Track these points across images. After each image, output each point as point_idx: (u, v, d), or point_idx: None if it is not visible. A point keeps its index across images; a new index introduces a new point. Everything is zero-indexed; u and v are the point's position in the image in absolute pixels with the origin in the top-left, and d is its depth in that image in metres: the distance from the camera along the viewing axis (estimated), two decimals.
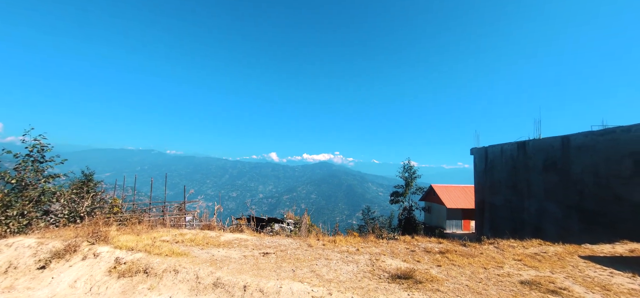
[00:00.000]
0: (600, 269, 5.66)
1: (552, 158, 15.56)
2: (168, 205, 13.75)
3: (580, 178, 13.97)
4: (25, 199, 8.42)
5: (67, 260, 5.52)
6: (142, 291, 4.36)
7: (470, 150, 23.15)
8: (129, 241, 6.34)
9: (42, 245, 6.07)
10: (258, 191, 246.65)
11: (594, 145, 13.41)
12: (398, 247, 6.98)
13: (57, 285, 4.87)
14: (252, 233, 9.06)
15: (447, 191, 35.62)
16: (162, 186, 13.29)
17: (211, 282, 4.34)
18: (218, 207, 12.51)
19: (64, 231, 7.28)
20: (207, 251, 6.29)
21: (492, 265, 5.68)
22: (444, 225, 33.29)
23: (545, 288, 4.45)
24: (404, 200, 33.42)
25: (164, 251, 5.67)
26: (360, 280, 4.69)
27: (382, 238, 8.09)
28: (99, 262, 5.30)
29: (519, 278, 4.94)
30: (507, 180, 18.87)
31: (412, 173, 33.78)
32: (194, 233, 8.07)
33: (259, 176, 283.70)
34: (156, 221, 10.50)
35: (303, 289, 3.98)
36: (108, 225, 7.65)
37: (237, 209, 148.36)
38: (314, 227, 16.60)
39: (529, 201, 16.99)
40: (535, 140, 16.90)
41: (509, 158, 18.77)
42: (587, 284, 4.78)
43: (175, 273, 4.64)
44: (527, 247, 7.18)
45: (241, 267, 5.16)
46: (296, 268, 5.21)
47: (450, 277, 4.93)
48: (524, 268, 5.63)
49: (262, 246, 6.96)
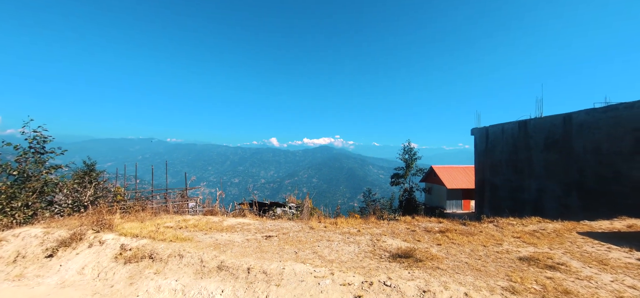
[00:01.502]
0: (598, 244, 5.75)
1: (553, 137, 15.51)
2: (171, 192, 13.88)
3: (581, 156, 13.97)
4: (28, 190, 8.51)
5: (74, 248, 5.63)
6: (148, 275, 4.46)
7: (471, 130, 23.07)
8: (133, 228, 6.43)
9: (48, 234, 6.18)
10: (260, 176, 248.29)
11: (596, 122, 13.32)
12: (399, 228, 7.08)
13: (65, 272, 4.98)
14: (255, 218, 9.18)
15: (447, 172, 35.78)
16: (163, 174, 13.40)
17: (215, 265, 4.43)
18: (220, 193, 12.63)
19: (69, 221, 7.38)
20: (210, 236, 6.39)
21: (491, 243, 5.77)
22: (444, 205, 33.65)
23: (544, 264, 4.53)
24: (405, 182, 33.62)
25: (168, 237, 5.76)
26: (361, 260, 4.78)
27: (383, 219, 8.18)
28: (105, 249, 5.41)
29: (518, 255, 5.02)
30: (507, 160, 18.90)
31: (412, 154, 33.82)
32: (197, 219, 8.18)
33: (260, 162, 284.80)
34: (159, 209, 10.63)
35: (305, 270, 4.07)
36: (112, 213, 7.75)
37: (239, 195, 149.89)
38: (315, 210, 16.79)
39: (529, 180, 17.06)
40: (536, 119, 16.79)
41: (509, 137, 18.72)
42: (585, 259, 4.86)
43: (180, 257, 4.73)
44: (526, 225, 7.26)
45: (244, 250, 5.26)
46: (298, 250, 5.30)
47: (450, 255, 5.02)
48: (522, 245, 5.72)
49: (265, 229, 7.06)
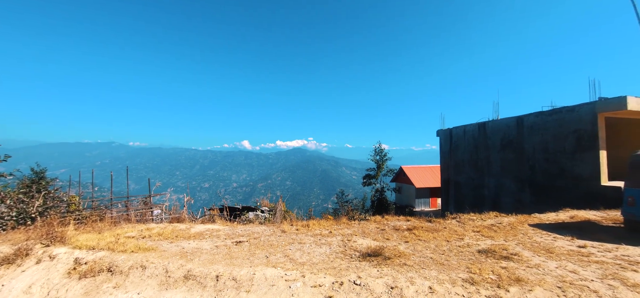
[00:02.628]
0: (545, 235, 6.34)
1: (508, 137, 16.83)
2: (133, 199, 13.04)
3: (532, 154, 15.30)
4: None
5: (19, 264, 5.10)
6: (107, 290, 4.17)
7: (436, 132, 24.28)
8: (90, 240, 5.97)
9: None
10: (232, 180, 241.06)
11: (543, 124, 14.68)
12: (369, 227, 7.27)
13: (8, 293, 4.49)
14: (225, 223, 8.92)
15: (415, 172, 37.35)
16: (124, 181, 12.54)
17: (182, 274, 4.25)
18: (188, 199, 12.10)
19: (13, 235, 6.66)
20: (176, 245, 6.11)
21: (454, 238, 6.13)
22: (413, 204, 35.03)
23: (499, 255, 4.91)
24: (376, 182, 34.50)
25: (129, 248, 5.41)
26: (332, 261, 4.84)
27: (354, 220, 8.35)
28: (56, 264, 4.96)
29: (477, 248, 5.39)
30: (469, 159, 20.15)
31: (383, 155, 34.83)
32: (162, 227, 7.77)
33: (231, 165, 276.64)
34: (120, 218, 9.93)
35: (276, 274, 4.04)
36: (64, 224, 7.11)
37: (209, 200, 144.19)
38: (289, 213, 16.67)
39: (488, 178, 18.33)
40: (493, 121, 18.11)
41: (471, 138, 19.98)
42: (534, 249, 5.34)
43: (142, 269, 4.47)
44: (485, 220, 7.81)
45: (213, 258, 5.10)
46: (270, 254, 5.25)
47: (416, 252, 5.25)
48: (481, 238, 6.14)
49: (235, 235, 6.89)
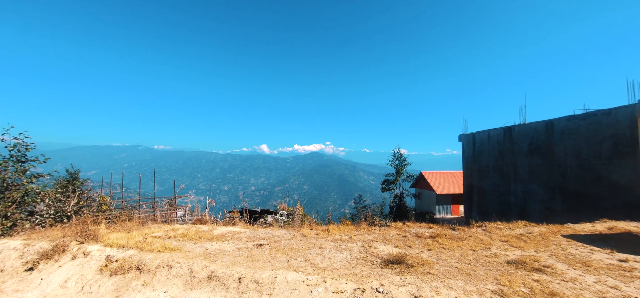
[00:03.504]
0: (581, 247, 5.93)
1: (536, 142, 16.02)
2: (158, 200, 13.57)
3: (563, 160, 14.46)
4: (7, 200, 8.15)
5: (56, 260, 5.42)
6: (135, 287, 4.34)
7: (458, 137, 23.55)
8: (120, 238, 6.25)
9: (28, 246, 5.93)
10: (250, 183, 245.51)
11: (576, 128, 13.85)
12: (390, 233, 7.13)
13: (47, 286, 4.78)
14: (245, 226, 9.06)
15: (436, 178, 36.32)
16: (151, 182, 13.09)
17: (206, 275, 4.34)
18: (210, 201, 12.42)
19: (51, 232, 7.11)
20: (200, 246, 6.27)
21: (480, 247, 5.88)
22: (434, 211, 34.04)
23: (531, 267, 4.64)
24: (395, 188, 33.89)
25: (156, 247, 5.62)
26: (353, 267, 4.78)
27: (374, 226, 8.22)
28: (90, 261, 5.23)
29: (506, 259, 5.13)
30: (494, 165, 19.36)
31: (402, 160, 34.20)
32: (186, 228, 8.01)
33: (250, 169, 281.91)
34: (147, 218, 10.35)
35: (298, 278, 4.04)
36: (97, 223, 7.50)
37: (229, 202, 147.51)
38: (307, 217, 16.71)
39: (515, 185, 17.50)
40: (520, 125, 17.32)
41: (495, 143, 19.21)
42: (569, 261, 5.01)
43: (168, 268, 4.62)
44: (513, 229, 7.44)
45: (235, 260, 5.18)
46: (290, 258, 5.26)
47: (440, 260, 5.08)
48: (510, 248, 5.85)
49: (256, 238, 6.98)
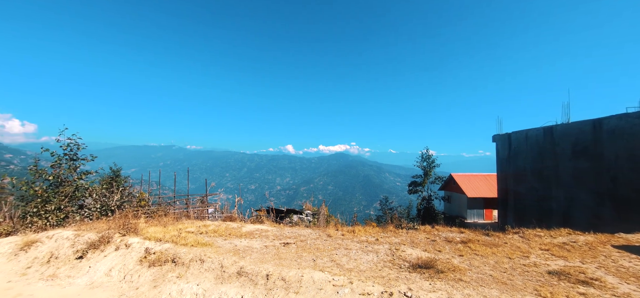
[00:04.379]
0: (635, 259, 5.37)
1: (582, 143, 14.72)
2: (191, 197, 14.26)
3: (613, 163, 13.16)
4: (61, 194, 9.02)
5: (102, 250, 5.90)
6: (171, 279, 4.59)
7: (492, 137, 22.32)
8: (157, 232, 6.66)
9: (79, 236, 6.51)
10: (276, 183, 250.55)
11: (629, 128, 12.54)
12: (418, 237, 6.92)
13: (94, 274, 5.22)
14: (272, 224, 9.25)
15: (467, 180, 34.68)
16: (184, 180, 13.80)
17: (235, 271, 4.49)
18: (238, 199, 12.85)
19: (97, 224, 7.74)
20: (229, 242, 6.50)
21: (517, 255, 5.52)
22: (464, 215, 32.53)
23: (575, 279, 4.27)
24: (423, 190, 32.84)
25: (189, 242, 5.91)
26: (380, 269, 4.70)
27: (402, 228, 8.03)
28: (131, 252, 5.62)
29: (547, 268, 4.77)
30: (532, 167, 18.08)
31: (430, 162, 33.07)
32: (216, 225, 8.35)
33: (276, 169, 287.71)
34: (180, 214, 10.94)
35: (324, 278, 4.05)
36: (136, 217, 8.05)
37: (256, 201, 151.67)
38: (332, 218, 16.70)
39: (556, 189, 16.22)
40: (563, 125, 16.03)
41: (534, 144, 17.93)
42: (621, 275, 4.55)
43: (201, 262, 4.84)
44: (555, 237, 6.90)
45: (263, 257, 5.31)
46: (316, 258, 5.29)
47: (473, 267, 4.84)
48: (551, 258, 5.43)
49: (282, 236, 7.10)
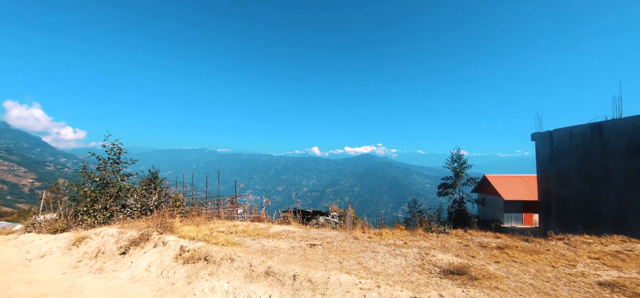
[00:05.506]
0: None
1: (637, 141, 13.26)
2: (222, 198, 14.84)
3: None
4: (107, 195, 9.81)
5: (142, 247, 6.32)
6: (203, 276, 4.80)
7: (531, 135, 20.79)
8: (191, 231, 7.01)
9: (122, 234, 7.03)
10: (302, 185, 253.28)
11: None
12: (449, 241, 6.63)
13: (135, 269, 5.61)
14: (299, 225, 9.35)
15: (504, 182, 32.60)
16: (215, 182, 14.41)
17: (263, 270, 4.60)
18: (266, 200, 13.15)
19: (138, 223, 8.31)
20: (258, 242, 6.66)
21: (561, 263, 5.09)
22: (501, 219, 30.60)
23: (632, 292, 3.84)
24: (454, 192, 31.43)
25: (220, 241, 6.15)
26: (409, 274, 4.55)
27: (431, 232, 7.74)
28: (167, 249, 5.96)
29: (597, 279, 4.34)
30: (578, 168, 16.59)
31: (461, 163, 31.57)
32: (245, 225, 8.60)
33: (302, 171, 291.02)
34: (212, 214, 11.43)
35: (351, 281, 4.01)
36: (172, 217, 8.53)
37: (283, 202, 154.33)
38: (358, 220, 16.51)
39: (607, 192, 14.74)
40: (614, 120, 14.54)
41: (580, 142, 16.46)
42: None
43: (231, 261, 5.01)
44: (607, 244, 6.27)
45: (290, 257, 5.38)
46: (343, 260, 5.26)
47: (510, 275, 4.53)
48: (602, 267, 4.94)
49: (309, 237, 7.15)
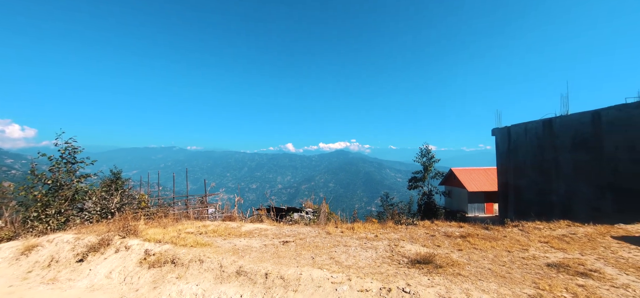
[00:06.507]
0: (635, 249, 5.37)
1: (581, 135, 14.69)
2: (191, 198, 14.29)
3: (613, 155, 13.13)
4: (61, 198, 9.03)
5: (102, 253, 5.91)
6: (171, 280, 4.60)
7: (491, 131, 22.26)
8: (156, 234, 6.67)
9: (79, 240, 6.52)
10: (277, 182, 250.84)
11: (628, 119, 12.50)
12: (417, 232, 6.93)
13: (94, 276, 5.23)
14: (272, 223, 9.26)
15: (468, 174, 34.68)
16: (184, 181, 13.83)
17: (234, 270, 4.50)
18: (238, 199, 12.86)
19: (98, 227, 7.75)
20: (229, 242, 6.51)
21: (516, 248, 5.53)
22: (465, 209, 32.56)
23: (575, 271, 4.28)
24: (423, 185, 32.85)
25: (189, 243, 5.92)
26: (379, 266, 4.70)
27: (401, 224, 8.03)
28: (131, 254, 5.63)
29: (546, 261, 4.78)
30: (532, 161, 18.06)
31: (430, 157, 33.04)
32: (216, 225, 8.36)
33: (277, 168, 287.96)
34: (180, 215, 10.96)
35: (323, 275, 4.05)
36: (136, 219, 8.06)
37: (257, 200, 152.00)
38: (333, 215, 16.71)
39: (557, 182, 16.21)
40: (562, 117, 15.98)
41: (534, 137, 17.90)
42: (621, 266, 4.55)
43: (200, 262, 4.85)
44: (555, 229, 6.91)
45: (262, 256, 5.32)
46: (315, 256, 5.30)
47: (471, 261, 4.84)
48: (551, 250, 5.44)
49: (282, 235, 7.11)
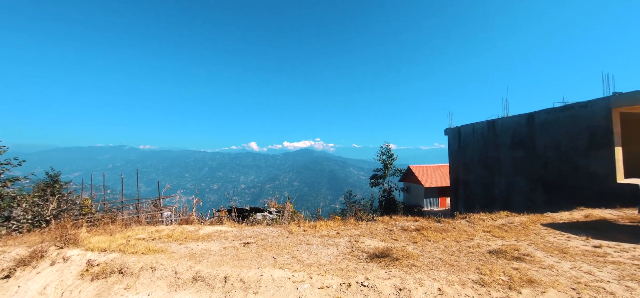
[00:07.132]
0: (559, 234, 6.18)
1: (519, 135, 16.50)
2: (144, 201, 13.27)
3: (543, 152, 14.96)
4: None
5: (34, 266, 5.23)
6: (118, 291, 4.24)
7: (444, 131, 23.99)
8: (102, 242, 6.09)
9: (4, 253, 5.69)
10: (240, 182, 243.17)
11: (555, 121, 14.34)
12: (377, 228, 7.21)
13: (25, 294, 4.61)
14: (233, 224, 8.98)
15: (424, 171, 37.00)
16: (135, 183, 12.79)
17: (190, 276, 4.29)
18: (196, 200, 12.25)
19: (29, 237, 6.85)
20: (185, 246, 6.18)
21: (463, 238, 6.03)
22: (422, 204, 34.70)
23: (511, 256, 4.80)
24: (384, 182, 34.30)
25: (139, 250, 5.50)
26: (339, 262, 4.82)
27: (362, 220, 8.31)
28: (70, 266, 5.07)
29: (488, 248, 5.29)
30: (479, 158, 19.84)
31: (390, 155, 34.60)
32: (171, 229, 7.87)
33: (240, 167, 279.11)
34: (131, 220, 10.12)
35: (284, 275, 4.04)
36: (77, 227, 7.28)
37: (218, 201, 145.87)
38: (297, 214, 16.69)
39: (499, 177, 18.01)
40: (503, 118, 17.79)
41: (480, 136, 19.68)
42: (547, 249, 5.21)
43: (152, 270, 4.54)
44: (496, 219, 7.66)
45: (221, 259, 5.14)
46: (277, 256, 5.26)
47: (425, 252, 5.19)
48: (492, 238, 6.03)
49: (243, 236, 6.93)
